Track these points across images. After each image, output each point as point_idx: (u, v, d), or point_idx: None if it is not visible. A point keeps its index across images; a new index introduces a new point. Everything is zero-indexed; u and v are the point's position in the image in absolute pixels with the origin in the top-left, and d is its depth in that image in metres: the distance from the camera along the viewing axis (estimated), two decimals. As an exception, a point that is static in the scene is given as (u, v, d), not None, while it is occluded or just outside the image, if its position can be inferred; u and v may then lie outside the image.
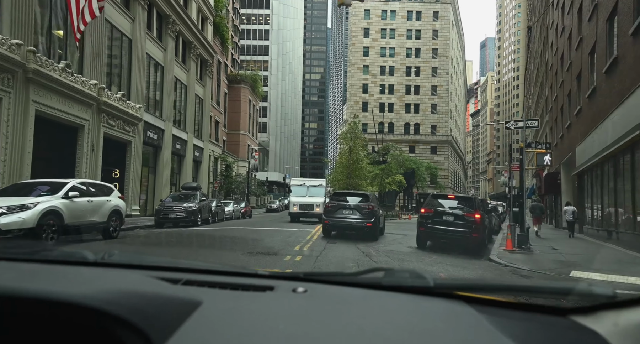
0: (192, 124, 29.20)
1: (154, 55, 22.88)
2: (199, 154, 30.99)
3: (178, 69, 26.52)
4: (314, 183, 23.89)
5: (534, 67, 48.25)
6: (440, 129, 75.47)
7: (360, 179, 27.08)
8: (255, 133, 67.50)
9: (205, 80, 31.98)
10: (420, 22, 77.10)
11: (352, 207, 13.26)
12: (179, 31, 26.05)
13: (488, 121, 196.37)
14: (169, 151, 24.73)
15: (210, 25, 32.40)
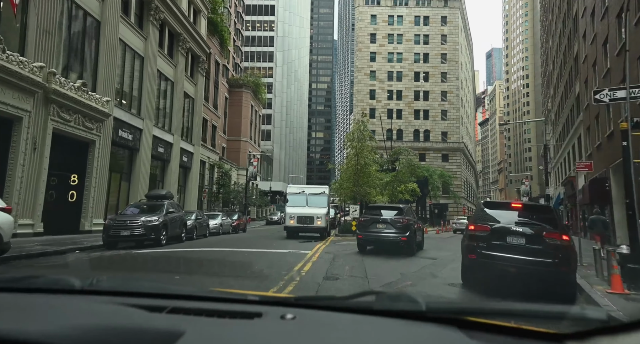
0: (180, 125, 26.03)
1: (130, 43, 19.79)
2: (187, 159, 27.76)
3: (163, 62, 23.46)
4: (315, 191, 20.44)
5: (554, 67, 44.78)
6: (451, 136, 71.93)
7: (369, 186, 23.66)
8: (258, 140, 64.40)
9: (196, 78, 28.92)
10: (428, 27, 74.27)
11: (387, 221, 12.77)
12: (164, 20, 23.04)
13: (497, 130, 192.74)
14: (148, 154, 21.51)
15: (204, 19, 29.47)
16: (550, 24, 48.64)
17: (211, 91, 39.77)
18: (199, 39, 28.11)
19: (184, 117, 27.36)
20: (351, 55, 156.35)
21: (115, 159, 18.97)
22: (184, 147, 27.06)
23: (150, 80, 21.49)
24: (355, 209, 24.01)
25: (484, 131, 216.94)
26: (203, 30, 29.31)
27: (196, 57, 28.69)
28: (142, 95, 21.04)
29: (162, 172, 24.54)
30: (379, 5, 74.22)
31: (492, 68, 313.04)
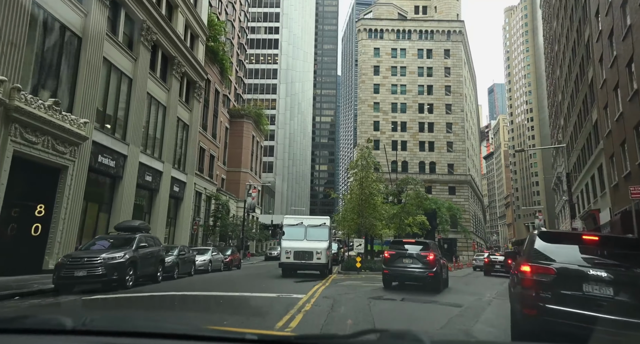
0: (172, 152, 24.38)
1: (117, 63, 18.44)
2: (179, 189, 25.92)
3: (154, 85, 22.10)
4: (315, 222, 18.36)
5: (564, 97, 43.45)
6: (458, 168, 70.14)
7: (375, 219, 21.57)
8: (259, 172, 62.79)
9: (192, 104, 27.57)
10: (432, 60, 74.30)
11: (413, 256, 12.71)
12: (157, 42, 21.88)
13: (503, 163, 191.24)
14: (133, 182, 19.69)
15: (201, 44, 28.51)
16: (557, 55, 47.85)
17: (210, 120, 38.55)
18: (196, 64, 26.99)
19: (177, 145, 25.78)
20: (354, 90, 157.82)
21: (93, 187, 17.15)
22: (176, 176, 25.29)
23: (139, 104, 20.02)
24: (360, 243, 21.86)
25: (488, 165, 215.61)
26: (200, 56, 28.27)
27: (192, 83, 27.46)
28: (129, 119, 19.49)
29: (149, 202, 22.64)
30: (382, 39, 74.63)
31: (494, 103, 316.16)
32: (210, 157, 39.28)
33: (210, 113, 38.50)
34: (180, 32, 24.38)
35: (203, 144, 36.49)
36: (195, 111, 27.81)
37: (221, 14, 48.53)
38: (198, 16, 27.08)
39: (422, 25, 75.27)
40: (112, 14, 18.20)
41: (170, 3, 23.59)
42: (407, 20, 76.51)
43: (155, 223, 22.50)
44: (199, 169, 35.89)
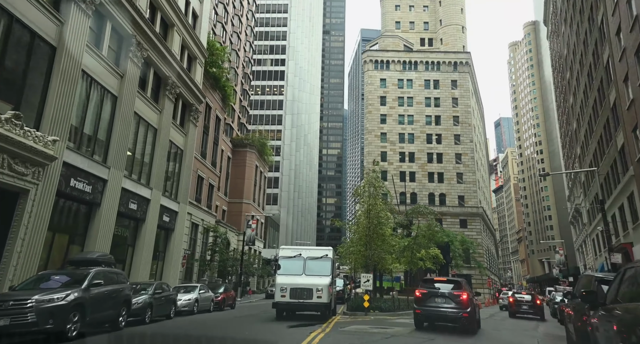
0: (162, 178, 22.45)
1: (99, 78, 16.89)
2: (170, 219, 23.79)
3: (144, 105, 20.51)
4: (315, 254, 16.04)
5: (580, 124, 41.47)
6: (469, 200, 67.47)
7: (384, 251, 19.19)
8: (262, 203, 60.58)
9: (187, 128, 25.93)
10: (439, 90, 73.47)
11: (445, 295, 12.37)
12: (149, 59, 20.48)
13: (513, 197, 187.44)
14: (114, 210, 17.65)
15: (200, 66, 27.26)
16: (570, 83, 46.37)
17: (210, 147, 36.95)
18: (193, 86, 25.59)
19: (169, 170, 23.91)
20: (361, 124, 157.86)
21: (62, 214, 15.15)
22: (166, 204, 23.25)
23: (124, 124, 18.30)
24: (368, 279, 19.37)
25: (498, 199, 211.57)
26: (198, 78, 26.95)
27: (188, 105, 25.96)
28: (112, 140, 17.72)
29: (133, 233, 20.49)
30: (388, 70, 74.28)
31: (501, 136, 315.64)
32: (209, 186, 37.37)
33: (210, 140, 36.96)
34: (175, 51, 23.12)
35: (201, 172, 34.71)
36: (190, 135, 26.14)
37: (225, 43, 48.12)
38: (196, 37, 25.98)
39: (428, 57, 75.01)
40: (96, 26, 16.84)
41: (166, 21, 22.46)
42: (413, 52, 76.40)
43: (139, 257, 20.27)
44: (197, 199, 33.89)
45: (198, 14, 26.98)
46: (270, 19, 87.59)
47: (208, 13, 28.49)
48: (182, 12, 23.79)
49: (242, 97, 56.51)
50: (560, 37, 50.58)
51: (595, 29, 29.72)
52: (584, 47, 34.97)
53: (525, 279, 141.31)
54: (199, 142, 33.69)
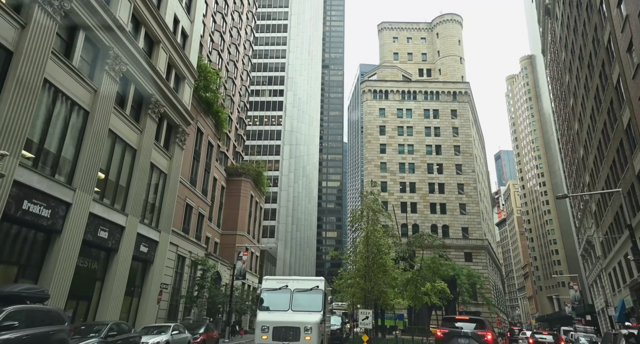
0: (141, 204, 20.42)
1: (68, 91, 15.27)
2: (149, 249, 21.54)
3: (121, 123, 18.83)
4: (304, 285, 13.79)
5: (588, 151, 39.80)
6: (473, 232, 64.89)
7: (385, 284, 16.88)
8: (258, 236, 57.98)
9: (173, 151, 24.17)
10: (439, 120, 72.64)
11: (469, 336, 11.65)
12: (129, 74, 19.00)
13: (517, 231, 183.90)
14: (78, 238, 15.53)
15: (188, 87, 25.87)
16: (574, 109, 45.18)
17: (200, 174, 35.12)
18: (180, 106, 24.06)
19: (150, 195, 21.91)
20: (361, 157, 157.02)
21: (10, 243, 13.04)
22: (145, 233, 21.08)
23: (96, 142, 16.52)
24: (367, 316, 16.94)
25: (502, 232, 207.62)
26: (186, 99, 25.48)
27: (174, 127, 24.32)
28: (79, 159, 15.88)
29: (103, 265, 18.22)
30: (387, 100, 73.79)
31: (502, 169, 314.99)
32: (198, 216, 35.21)
33: (201, 167, 35.18)
34: (160, 68, 21.73)
35: (190, 200, 32.69)
36: (176, 159, 24.34)
37: (221, 71, 47.39)
38: (185, 57, 24.75)
39: (427, 86, 74.72)
40: (66, 34, 15.41)
41: (151, 37, 21.21)
42: (412, 82, 76.22)
43: (109, 292, 17.91)
44: (184, 229, 31.68)
45: (188, 33, 25.91)
46: (268, 51, 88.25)
47: (199, 34, 27.48)
48: (170, 30, 22.64)
49: (238, 125, 55.33)
50: (561, 64, 49.91)
51: (602, 50, 28.60)
52: (589, 70, 33.85)
53: (534, 317, 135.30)
54: (187, 168, 31.90)
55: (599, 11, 28.04)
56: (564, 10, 42.53)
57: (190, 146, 32.37)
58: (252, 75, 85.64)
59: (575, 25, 37.45)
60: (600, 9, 27.76)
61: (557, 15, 47.80)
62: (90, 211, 16.48)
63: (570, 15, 39.08)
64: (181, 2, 24.69)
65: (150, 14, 20.32)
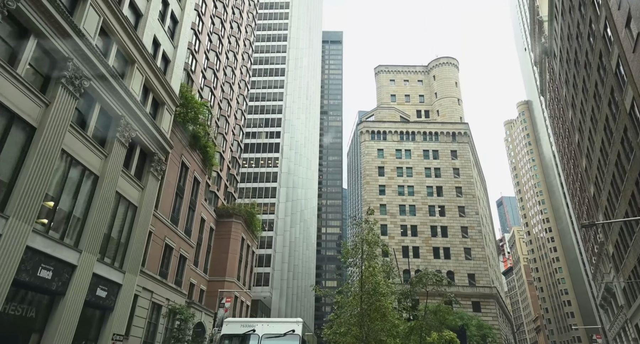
0: (101, 239, 17.63)
1: (11, 103, 13.10)
2: (107, 293, 18.42)
3: (80, 144, 16.56)
4: (277, 329, 10.84)
5: (601, 187, 37.29)
6: (480, 279, 60.83)
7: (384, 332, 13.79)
8: (249, 283, 53.98)
9: (146, 181, 21.70)
10: (439, 161, 70.88)
11: None
12: (92, 89, 16.99)
13: (525, 280, 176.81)
14: (7, 279, 12.65)
15: (169, 113, 23.93)
16: (580, 145, 43.28)
17: (183, 212, 32.41)
18: (156, 132, 21.92)
19: (113, 230, 19.14)
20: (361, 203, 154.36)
21: None
22: (103, 273, 18.09)
23: (42, 163, 14.13)
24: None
25: (509, 282, 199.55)
26: (165, 126, 23.43)
27: (149, 155, 22.04)
28: (18, 181, 13.40)
29: (43, 313, 15.12)
30: (385, 141, 72.49)
31: (505, 216, 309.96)
32: (180, 258, 32.06)
33: (184, 204, 32.55)
34: (134, 90, 19.82)
35: (170, 240, 29.76)
36: (150, 190, 21.81)
37: (214, 108, 46.11)
38: (166, 82, 23.02)
39: (425, 127, 73.71)
40: (12, 40, 13.50)
41: (124, 55, 19.49)
42: (410, 122, 75.35)
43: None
44: (162, 273, 28.50)
45: (170, 58, 24.40)
46: (266, 94, 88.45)
47: (183, 61, 26.01)
48: (148, 52, 21.04)
49: (231, 165, 53.29)
50: (562, 101, 48.72)
51: (609, 76, 27.00)
52: (595, 101, 32.20)
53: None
54: (168, 204, 29.29)
55: (602, 37, 26.78)
56: (562, 45, 41.87)
57: (172, 181, 29.99)
58: (249, 118, 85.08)
59: (576, 57, 36.40)
60: (604, 35, 26.51)
61: (555, 52, 47.29)
62: (29, 245, 13.73)
63: (570, 49, 38.20)
64: (163, 25, 23.37)
65: (123, 29, 18.72)
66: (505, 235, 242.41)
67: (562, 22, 39.41)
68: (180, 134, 30.89)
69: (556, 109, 55.65)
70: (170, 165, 29.43)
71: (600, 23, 26.80)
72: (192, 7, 27.27)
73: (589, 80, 32.95)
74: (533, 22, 58.70)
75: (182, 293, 32.11)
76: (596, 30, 27.87)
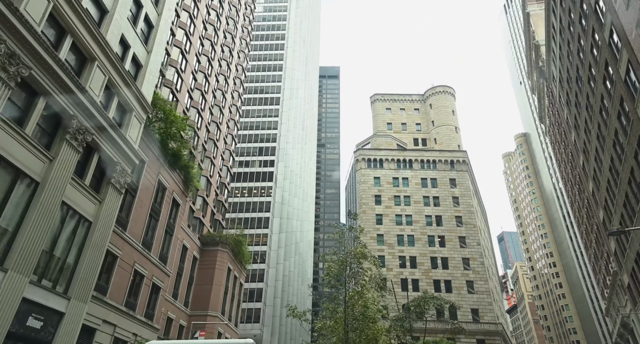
0: (36, 256, 14.82)
1: None
2: (43, 323, 15.36)
3: (16, 144, 14.11)
4: None
5: (612, 211, 34.63)
6: (484, 314, 56.76)
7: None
8: (236, 319, 49.83)
9: (105, 194, 19.08)
10: (437, 189, 68.41)
11: None
12: (32, 80, 14.78)
13: (530, 319, 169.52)
14: None
15: (138, 121, 21.69)
16: (585, 168, 41.04)
17: (158, 236, 29.47)
18: (121, 141, 19.55)
19: (57, 247, 16.34)
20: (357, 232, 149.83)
21: None
22: (38, 299, 15.14)
23: None
24: None
25: (514, 321, 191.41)
26: (133, 135, 21.10)
27: (110, 165, 19.54)
28: None
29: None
30: (382, 168, 70.33)
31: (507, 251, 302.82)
32: (152, 288, 28.79)
33: (160, 228, 29.66)
34: (93, 90, 17.65)
35: (141, 267, 26.69)
36: (110, 205, 19.15)
37: (201, 130, 44.16)
38: (135, 87, 20.95)
39: (423, 155, 71.78)
40: None
41: (82, 51, 17.48)
42: (407, 150, 73.48)
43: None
44: (128, 304, 25.25)
45: (142, 63, 22.48)
46: (260, 123, 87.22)
47: (158, 67, 24.12)
48: (113, 51, 19.08)
49: (219, 191, 50.70)
50: (564, 125, 46.97)
51: (618, 86, 25.09)
52: (602, 117, 30.22)
53: None
54: (140, 226, 26.48)
55: (608, 45, 25.15)
56: (562, 65, 40.54)
57: (145, 200, 27.31)
58: (243, 146, 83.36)
59: (578, 75, 34.82)
60: (610, 42, 24.88)
61: (555, 74, 46.05)
62: None
63: (571, 67, 36.74)
64: (134, 25, 21.60)
65: (81, 21, 16.78)
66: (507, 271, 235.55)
67: (561, 41, 38.24)
68: (158, 150, 28.58)
69: (557, 133, 53.90)
70: (144, 183, 26.91)
71: (605, 31, 25.25)
72: (171, 13, 25.73)
73: (594, 96, 31.14)
74: (529, 48, 58.12)
75: (154, 328, 28.59)
76: (600, 40, 26.29)
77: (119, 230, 23.40)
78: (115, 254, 23.18)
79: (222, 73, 51.08)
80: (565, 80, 39.99)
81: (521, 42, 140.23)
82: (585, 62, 30.97)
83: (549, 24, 42.23)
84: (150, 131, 27.05)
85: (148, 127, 26.88)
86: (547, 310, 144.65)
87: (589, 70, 30.86)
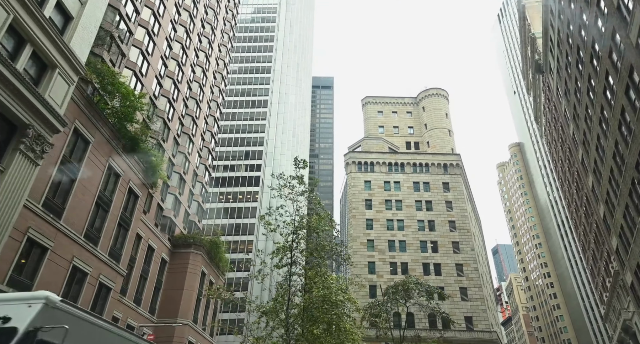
0: None
1: None
2: None
3: None
4: None
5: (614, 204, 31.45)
6: (478, 322, 53.13)
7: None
8: (211, 327, 45.58)
9: (10, 162, 15.62)
10: (430, 193, 65.23)
11: None
12: None
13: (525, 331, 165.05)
14: None
15: (65, 82, 18.31)
16: (584, 163, 38.06)
17: (108, 230, 25.80)
18: (36, 100, 16.17)
19: None
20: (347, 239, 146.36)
21: None
22: None
23: None
24: None
25: (509, 334, 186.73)
26: (57, 97, 17.72)
27: (19, 128, 16.08)
28: None
29: None
30: (373, 172, 67.15)
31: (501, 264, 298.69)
32: (99, 288, 24.99)
33: (110, 220, 26.01)
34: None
35: (82, 262, 22.98)
36: (16, 175, 15.68)
37: (172, 122, 40.86)
38: (59, 38, 17.68)
39: (415, 158, 68.76)
40: None
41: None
42: (399, 153, 70.49)
43: None
44: (65, 305, 21.41)
45: (72, 14, 19.14)
46: (247, 126, 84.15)
47: (96, 24, 20.90)
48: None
49: (195, 189, 47.11)
50: (562, 118, 44.19)
51: (629, 53, 22.19)
52: (606, 97, 27.29)
53: None
54: (83, 215, 22.89)
55: (617, 8, 22.34)
56: (561, 51, 37.88)
57: (90, 186, 23.74)
58: (228, 150, 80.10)
59: (579, 56, 32.01)
60: (619, 4, 22.06)
61: (552, 65, 43.45)
62: None
63: (570, 51, 34.03)
64: (67, -29, 18.43)
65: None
66: (502, 284, 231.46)
67: (560, 24, 35.65)
68: (110, 132, 25.20)
69: (554, 130, 51.17)
70: (88, 165, 23.49)
71: (610, -7, 22.50)
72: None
73: (597, 76, 28.28)
74: (524, 43, 55.87)
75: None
76: (607, 4, 23.51)
77: (49, 217, 19.89)
78: (43, 245, 19.60)
79: (199, 64, 48.11)
80: (564, 67, 37.30)
81: (515, 50, 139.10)
82: (588, 38, 28.21)
83: (547, 10, 39.81)
84: (98, 108, 23.77)
85: (96, 105, 23.64)
86: (542, 321, 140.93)
87: (591, 48, 28.09)
